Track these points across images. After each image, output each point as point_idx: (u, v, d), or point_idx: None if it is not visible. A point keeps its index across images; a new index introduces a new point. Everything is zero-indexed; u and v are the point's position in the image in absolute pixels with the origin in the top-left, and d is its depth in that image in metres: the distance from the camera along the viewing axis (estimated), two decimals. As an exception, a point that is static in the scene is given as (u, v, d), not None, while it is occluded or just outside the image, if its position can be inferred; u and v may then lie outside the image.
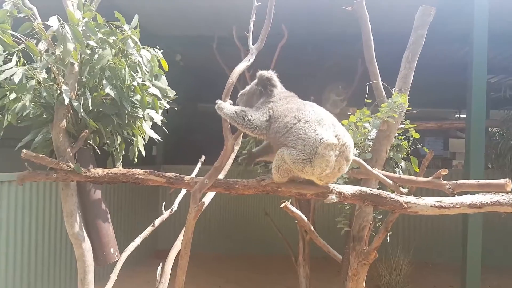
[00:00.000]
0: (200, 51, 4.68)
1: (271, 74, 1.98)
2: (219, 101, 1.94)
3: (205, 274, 5.41)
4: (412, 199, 1.76)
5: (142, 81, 2.08)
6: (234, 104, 2.03)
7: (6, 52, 1.75)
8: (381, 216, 2.91)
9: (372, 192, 1.75)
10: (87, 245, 2.08)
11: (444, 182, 2.11)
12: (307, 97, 5.17)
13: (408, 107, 2.40)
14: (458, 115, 8.85)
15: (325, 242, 3.14)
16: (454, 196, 2.06)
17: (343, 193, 1.73)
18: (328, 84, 5.02)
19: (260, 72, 1.98)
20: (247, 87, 2.09)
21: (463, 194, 1.97)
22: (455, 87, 6.89)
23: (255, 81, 2.01)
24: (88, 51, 1.90)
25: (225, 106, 1.91)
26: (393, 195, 1.75)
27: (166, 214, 2.57)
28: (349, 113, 5.44)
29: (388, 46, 3.40)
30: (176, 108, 2.24)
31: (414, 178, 2.27)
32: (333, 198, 1.70)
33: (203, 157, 2.87)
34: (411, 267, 5.13)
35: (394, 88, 2.35)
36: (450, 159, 8.89)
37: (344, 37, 4.33)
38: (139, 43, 2.03)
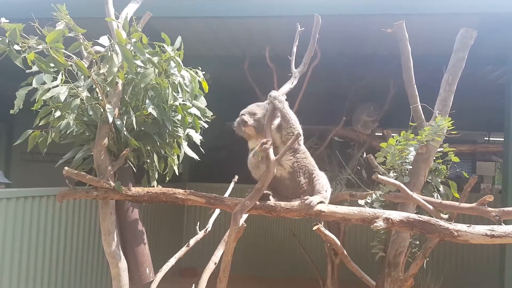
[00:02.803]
0: (230, 70, 4.73)
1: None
2: (276, 93, 2.04)
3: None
4: (462, 226, 1.69)
5: (182, 101, 2.10)
6: None
7: (56, 69, 1.79)
8: (417, 242, 2.82)
9: (421, 219, 1.68)
10: (123, 264, 2.06)
11: (490, 209, 2.02)
12: (338, 117, 5.12)
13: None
14: (487, 138, 8.62)
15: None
16: (500, 224, 1.98)
17: (391, 219, 1.67)
18: (359, 104, 4.98)
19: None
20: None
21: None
22: (485, 110, 6.74)
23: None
24: (135, 71, 1.93)
25: (285, 101, 2.03)
26: (442, 222, 1.68)
27: (200, 234, 2.54)
28: (378, 133, 5.38)
29: (425, 68, 3.36)
30: (205, 127, 2.25)
31: (456, 204, 2.19)
32: (380, 224, 1.65)
33: (236, 177, 2.85)
34: (441, 294, 4.95)
35: (437, 112, 2.29)
36: (478, 182, 8.63)
37: (376, 58, 4.31)
38: (181, 63, 2.05)
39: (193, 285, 2.37)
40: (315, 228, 2.57)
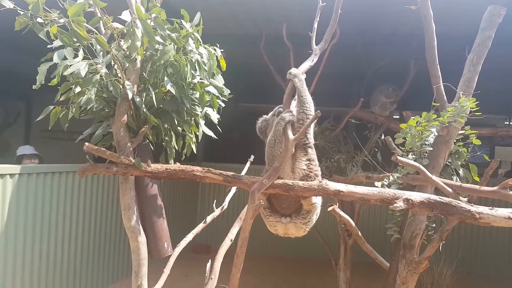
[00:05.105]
0: (246, 49, 4.66)
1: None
2: (296, 70, 1.99)
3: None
4: (484, 209, 1.66)
5: (200, 79, 2.09)
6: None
7: (78, 44, 1.79)
8: (434, 225, 2.80)
9: (442, 200, 1.66)
10: (142, 238, 2.10)
11: (512, 192, 1.99)
12: (356, 98, 5.00)
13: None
14: (508, 122, 8.43)
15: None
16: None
17: (411, 200, 1.65)
18: (378, 85, 4.87)
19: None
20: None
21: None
22: (507, 92, 6.54)
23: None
24: (154, 46, 1.91)
25: (304, 80, 1.98)
26: (464, 204, 1.65)
27: (217, 212, 2.57)
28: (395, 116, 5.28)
29: (447, 47, 3.25)
30: (222, 106, 2.25)
31: (477, 187, 2.16)
32: (400, 205, 1.63)
33: (252, 157, 2.85)
34: (454, 277, 4.95)
35: (461, 92, 2.23)
36: (497, 167, 8.48)
37: (396, 38, 4.18)
38: (200, 40, 2.03)
39: (210, 260, 2.41)
40: (330, 209, 2.57)
